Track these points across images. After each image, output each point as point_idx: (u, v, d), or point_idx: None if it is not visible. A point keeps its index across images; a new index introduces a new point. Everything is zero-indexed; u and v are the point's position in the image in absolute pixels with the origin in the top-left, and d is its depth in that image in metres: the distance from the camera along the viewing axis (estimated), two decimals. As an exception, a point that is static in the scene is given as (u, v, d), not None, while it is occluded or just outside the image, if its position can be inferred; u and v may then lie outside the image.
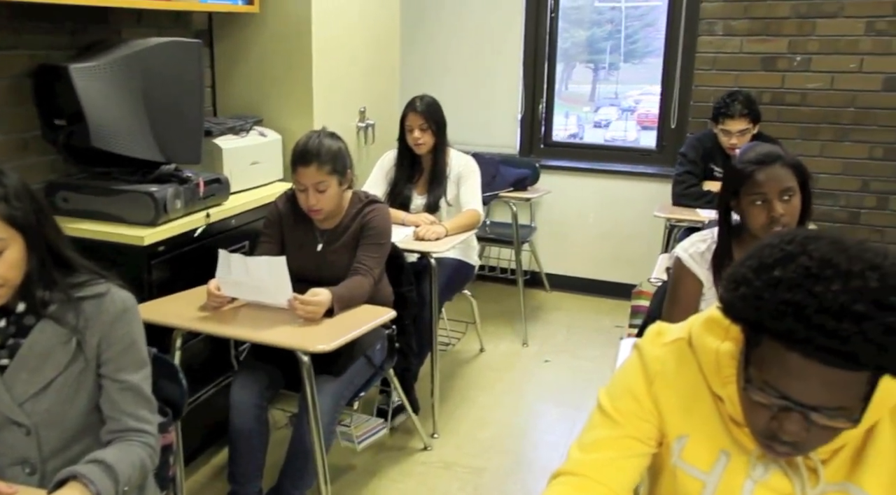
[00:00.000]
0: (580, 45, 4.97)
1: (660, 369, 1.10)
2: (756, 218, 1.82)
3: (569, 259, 4.51)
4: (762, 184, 1.79)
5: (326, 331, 2.02)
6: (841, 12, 3.69)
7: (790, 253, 0.86)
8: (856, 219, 3.85)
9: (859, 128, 3.76)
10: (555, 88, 4.61)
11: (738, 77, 3.90)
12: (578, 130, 5.50)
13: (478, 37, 4.48)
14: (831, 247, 0.85)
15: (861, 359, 0.80)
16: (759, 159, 1.82)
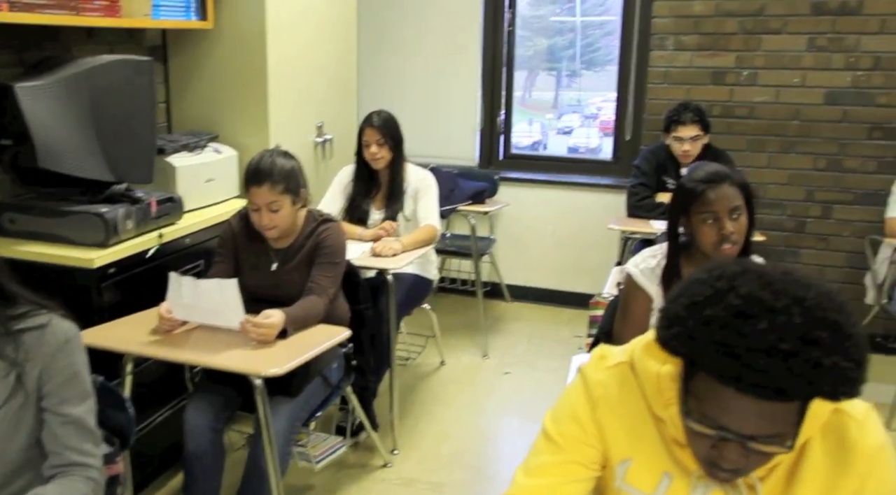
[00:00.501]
0: (542, 53, 5.01)
1: (602, 394, 1.11)
2: (706, 236, 1.83)
3: (529, 269, 4.52)
4: (712, 203, 1.80)
5: (280, 352, 1.98)
6: (784, 28, 3.77)
7: (719, 290, 0.87)
8: (802, 228, 3.93)
9: (803, 141, 3.83)
10: (513, 101, 4.62)
11: (689, 90, 3.95)
12: (542, 137, 5.53)
13: (436, 50, 4.48)
14: (758, 283, 0.87)
15: (790, 393, 0.84)
16: (709, 178, 1.83)
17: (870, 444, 1.01)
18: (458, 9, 4.39)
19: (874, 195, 3.70)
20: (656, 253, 1.98)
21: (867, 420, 1.03)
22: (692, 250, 1.92)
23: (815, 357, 0.81)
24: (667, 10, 3.94)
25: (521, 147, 5.31)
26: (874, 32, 3.64)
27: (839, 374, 0.82)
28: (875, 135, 3.73)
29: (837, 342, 0.82)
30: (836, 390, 0.84)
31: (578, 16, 4.69)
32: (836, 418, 1.02)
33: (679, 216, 1.89)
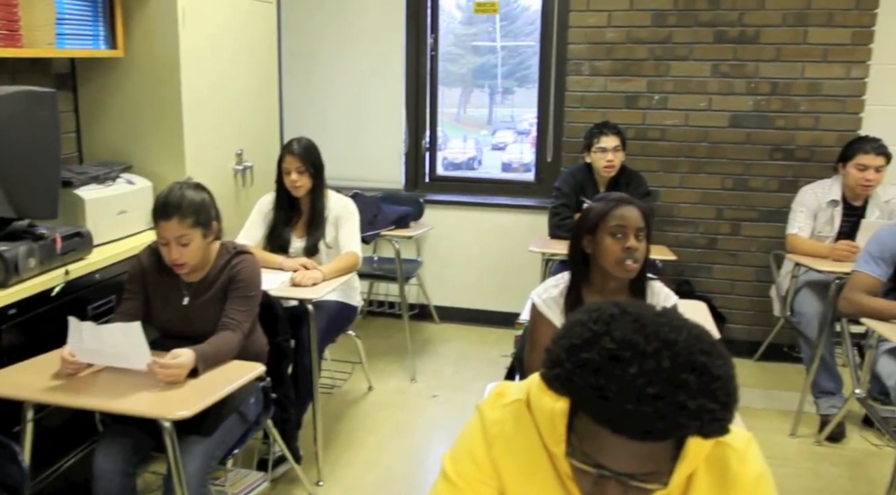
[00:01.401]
0: (476, 70, 5.03)
1: (498, 432, 1.11)
2: (611, 250, 1.84)
3: (456, 291, 4.51)
4: (622, 218, 1.84)
5: (190, 393, 1.89)
6: (690, 55, 3.88)
7: (596, 333, 0.89)
8: (713, 245, 4.03)
9: (712, 161, 3.95)
10: (438, 123, 4.62)
11: (604, 114, 4.02)
12: (477, 154, 5.55)
13: (361, 74, 4.44)
14: (632, 327, 0.89)
15: (659, 434, 0.86)
16: (618, 199, 1.88)
17: (749, 475, 1.05)
18: (382, 33, 4.37)
19: (777, 212, 3.83)
20: (558, 282, 1.98)
21: (747, 451, 1.06)
22: (594, 276, 1.93)
23: (680, 400, 0.83)
24: (581, 37, 4.01)
25: (456, 163, 5.32)
26: (771, 59, 3.79)
27: (705, 416, 0.84)
28: (775, 156, 3.87)
29: (704, 384, 0.85)
30: (704, 430, 0.86)
31: (499, 40, 4.73)
32: (719, 450, 1.05)
33: (584, 236, 1.90)
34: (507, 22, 4.80)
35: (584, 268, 1.94)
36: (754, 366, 3.97)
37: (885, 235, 2.61)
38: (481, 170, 5.49)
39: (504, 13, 4.71)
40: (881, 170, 3.29)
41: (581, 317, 0.94)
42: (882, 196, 3.40)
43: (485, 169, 5.49)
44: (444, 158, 5.44)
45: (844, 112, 3.77)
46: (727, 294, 4.07)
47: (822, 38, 3.73)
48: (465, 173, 5.33)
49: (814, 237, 3.44)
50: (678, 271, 4.06)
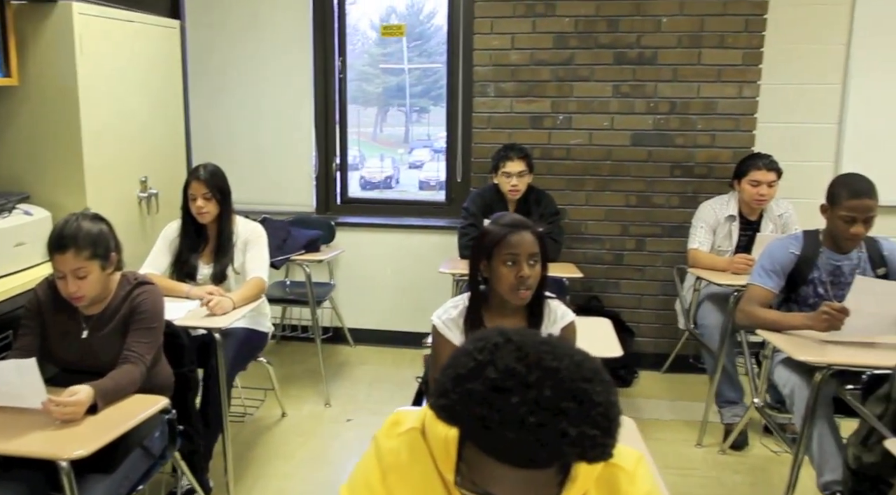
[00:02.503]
0: (391, 89, 5.10)
1: (394, 461, 1.13)
2: (505, 278, 1.92)
3: (371, 312, 4.55)
4: (514, 246, 1.90)
5: (88, 430, 1.88)
6: (592, 76, 4.09)
7: (480, 363, 0.92)
8: (620, 261, 4.23)
9: (616, 179, 4.15)
10: (347, 148, 4.67)
11: (511, 134, 4.17)
12: (394, 172, 5.61)
13: (269, 98, 4.46)
14: (515, 356, 0.92)
15: (543, 462, 0.89)
16: (512, 224, 1.94)
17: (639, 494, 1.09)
18: (289, 56, 4.41)
19: (679, 227, 4.06)
20: (458, 303, 2.04)
21: (637, 471, 1.12)
22: (492, 297, 2.00)
23: (561, 428, 0.86)
24: (486, 59, 4.15)
25: (374, 182, 5.37)
26: (668, 80, 4.04)
27: (586, 442, 0.87)
28: (676, 172, 4.11)
29: (584, 411, 0.88)
30: (586, 456, 0.90)
31: (406, 62, 4.83)
32: (609, 471, 1.09)
33: (481, 260, 1.96)
34: (422, 41, 4.93)
35: (484, 289, 2.01)
36: (662, 378, 4.17)
37: (775, 249, 2.80)
38: (399, 189, 5.57)
39: (419, 32, 4.84)
40: (773, 185, 3.55)
41: (467, 346, 0.97)
42: (775, 210, 3.66)
43: (402, 187, 5.57)
44: (361, 178, 5.49)
45: (738, 130, 4.04)
46: (635, 308, 4.26)
47: (716, 59, 4.00)
48: (378, 194, 5.41)
49: (714, 251, 3.66)
50: (587, 287, 4.23)
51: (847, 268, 2.68)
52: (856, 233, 2.55)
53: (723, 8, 3.95)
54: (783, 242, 2.79)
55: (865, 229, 2.55)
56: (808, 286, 2.73)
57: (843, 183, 2.61)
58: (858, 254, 2.69)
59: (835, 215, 2.60)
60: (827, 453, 2.40)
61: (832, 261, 2.70)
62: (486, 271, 1.96)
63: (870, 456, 1.99)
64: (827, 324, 2.41)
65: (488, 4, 4.10)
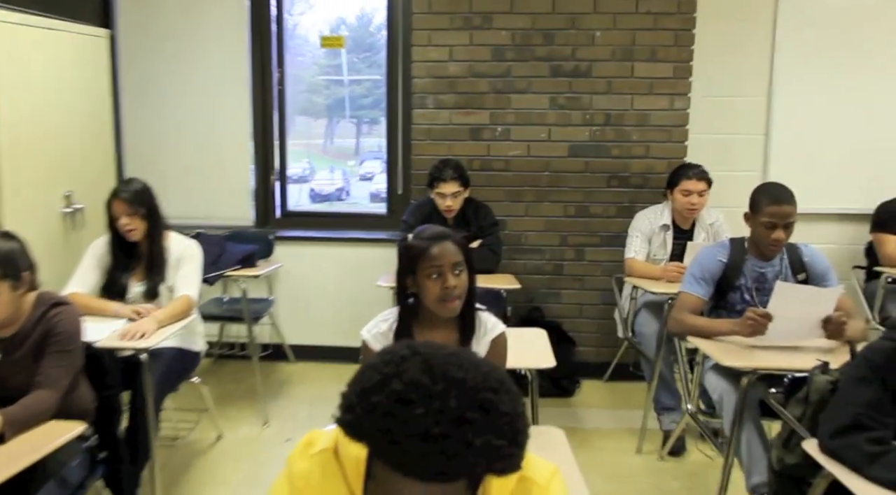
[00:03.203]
0: (341, 101, 5.07)
1: (305, 485, 1.11)
2: (431, 291, 1.92)
3: (312, 328, 4.50)
4: (437, 257, 1.90)
5: (-4, 460, 1.81)
6: (529, 89, 4.13)
7: (386, 376, 0.91)
8: (560, 271, 4.28)
9: (555, 190, 4.20)
10: (286, 161, 4.63)
11: (450, 146, 4.19)
12: (345, 184, 5.57)
13: (205, 109, 4.40)
14: (421, 367, 0.91)
15: (450, 475, 0.88)
16: (433, 236, 1.94)
17: None
18: (226, 67, 4.37)
19: (617, 237, 4.11)
20: (388, 317, 2.03)
21: (550, 485, 1.11)
22: (421, 311, 2.00)
23: (466, 438, 0.85)
24: (425, 71, 4.17)
25: (324, 194, 5.33)
26: (603, 92, 4.11)
27: (493, 453, 0.86)
28: (612, 183, 4.18)
29: (490, 422, 0.88)
30: (494, 467, 0.89)
31: (346, 73, 4.83)
32: (522, 486, 1.08)
33: (407, 275, 1.96)
34: (372, 52, 4.92)
35: (413, 303, 2.00)
36: (604, 387, 4.21)
37: (704, 256, 2.86)
38: (350, 201, 5.54)
39: (370, 43, 4.82)
40: (703, 194, 3.64)
41: (374, 360, 0.96)
42: (707, 219, 3.75)
43: (353, 199, 5.55)
44: (311, 190, 5.45)
45: (671, 141, 4.13)
46: (576, 318, 4.31)
47: (648, 72, 4.09)
48: (326, 207, 5.37)
49: (649, 260, 3.73)
50: (528, 298, 4.26)
51: (771, 275, 2.75)
52: (777, 238, 2.62)
53: (653, 22, 4.04)
54: (711, 250, 2.85)
55: (786, 235, 2.63)
56: (735, 293, 2.79)
57: (764, 191, 2.69)
58: (781, 260, 2.76)
59: (757, 222, 2.67)
60: (755, 456, 2.45)
61: (756, 268, 2.77)
62: (413, 286, 1.96)
63: (792, 458, 2.03)
64: (752, 330, 2.46)
65: (426, 17, 4.12)
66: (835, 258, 4.08)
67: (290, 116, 4.72)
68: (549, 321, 4.18)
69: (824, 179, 4.21)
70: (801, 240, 2.85)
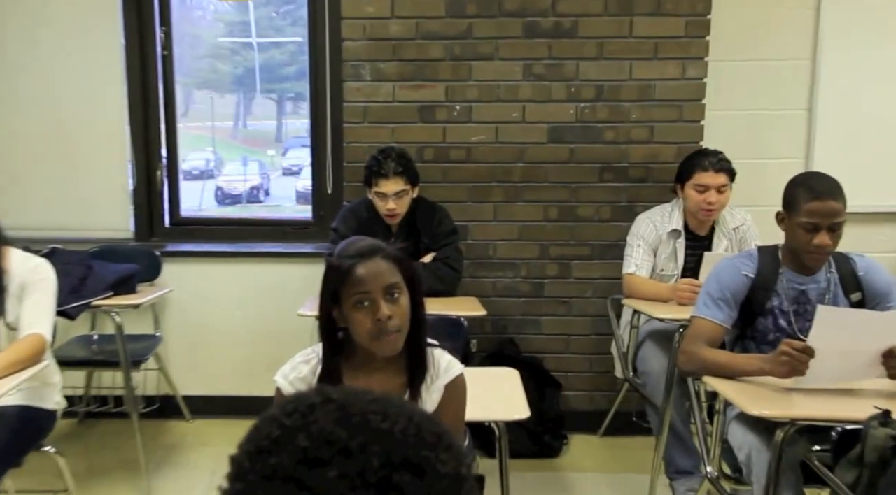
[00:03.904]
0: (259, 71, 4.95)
1: None
2: (361, 324, 1.88)
3: (214, 373, 4.42)
4: (364, 281, 1.86)
5: None
6: (496, 54, 4.09)
7: (289, 429, 0.89)
8: (540, 292, 4.25)
9: (531, 186, 4.18)
10: (177, 148, 4.54)
11: (394, 130, 4.15)
12: (263, 181, 5.45)
13: (66, 92, 4.31)
14: (335, 417, 0.90)
15: None
16: (358, 253, 1.90)
17: None
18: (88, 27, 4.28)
19: (613, 247, 4.10)
20: (310, 357, 2.00)
21: None
22: (355, 349, 1.96)
23: None
24: (359, 31, 4.11)
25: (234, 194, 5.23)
26: (593, 57, 4.09)
27: None
28: (606, 176, 4.16)
29: (425, 487, 0.86)
30: None
31: (254, 35, 4.73)
32: None
33: (331, 305, 1.92)
34: (295, 6, 4.82)
35: (343, 338, 1.97)
36: (599, 444, 4.18)
37: (723, 271, 2.82)
38: (270, 202, 5.44)
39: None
40: (724, 189, 3.62)
41: (273, 411, 0.93)
42: (730, 222, 3.74)
43: (274, 200, 5.44)
44: (217, 189, 5.33)
45: (682, 120, 4.13)
46: (561, 353, 4.27)
47: (652, 30, 4.08)
48: (238, 211, 5.27)
49: (655, 276, 3.71)
50: (499, 327, 4.22)
51: (814, 294, 2.73)
52: (820, 244, 2.58)
53: (658, -37, 4.05)
54: (733, 263, 2.83)
55: (833, 240, 2.59)
56: (767, 318, 2.76)
57: (801, 182, 2.67)
58: (827, 274, 2.74)
59: (793, 224, 2.64)
60: (795, 536, 2.41)
61: (795, 286, 2.74)
62: (341, 319, 1.94)
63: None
64: (788, 368, 2.42)
65: (359, -43, 4.09)
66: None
67: (187, 91, 4.61)
68: (527, 357, 4.15)
69: (889, 168, 4.22)
70: (858, 247, 2.83)
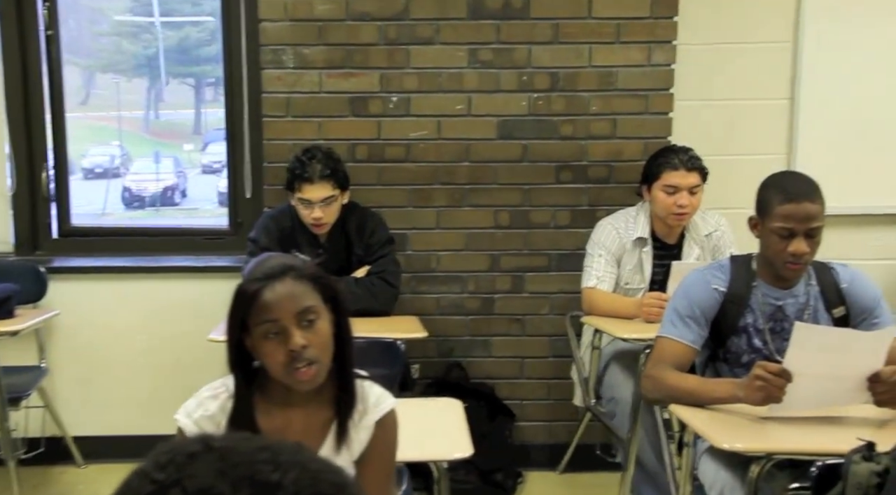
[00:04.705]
0: (173, 52, 4.90)
1: None
2: (272, 356, 1.88)
3: (111, 410, 4.37)
4: (272, 307, 1.86)
5: None
6: (437, 37, 4.12)
7: (161, 486, 0.87)
8: (490, 309, 4.27)
9: (479, 189, 4.21)
10: (66, 143, 4.51)
11: (321, 125, 4.15)
12: (178, 180, 5.40)
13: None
14: (216, 469, 0.88)
15: None
16: (267, 274, 1.89)
17: None
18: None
19: (572, 256, 4.14)
20: (218, 391, 2.01)
21: None
22: (269, 381, 1.96)
23: None
24: (280, 12, 4.11)
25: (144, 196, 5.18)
26: (547, 42, 4.13)
27: None
28: (563, 177, 4.21)
29: None
30: None
31: (157, 15, 4.71)
32: None
33: (240, 334, 1.93)
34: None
35: (256, 368, 1.98)
36: (559, 482, 4.21)
37: (692, 285, 2.85)
38: (186, 205, 5.39)
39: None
40: (696, 191, 3.68)
41: (145, 463, 0.91)
42: (702, 227, 3.80)
43: (192, 202, 5.40)
44: (124, 190, 5.27)
45: (648, 112, 4.19)
46: (515, 378, 4.30)
47: (613, 10, 4.13)
48: (147, 216, 5.22)
49: (620, 290, 3.75)
50: (444, 350, 4.24)
51: (792, 310, 2.77)
52: (796, 251, 2.62)
53: (620, -68, 4.11)
54: (703, 275, 2.86)
55: (810, 247, 2.63)
56: (741, 337, 2.80)
57: (774, 184, 2.72)
58: (807, 287, 2.78)
59: (766, 230, 2.68)
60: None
61: (771, 300, 2.79)
62: (255, 350, 1.94)
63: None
64: (763, 394, 2.45)
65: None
66: None
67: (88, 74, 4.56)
68: (476, 383, 4.17)
69: (883, 163, 4.30)
70: (850, 253, 2.86)
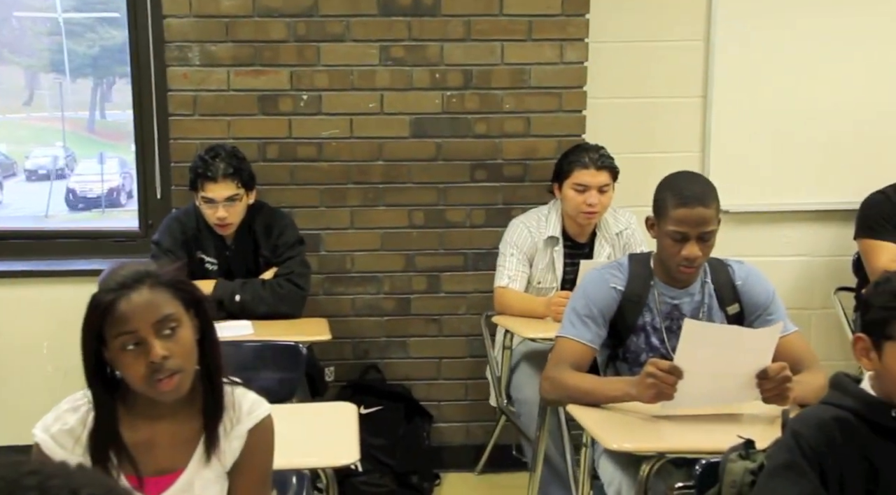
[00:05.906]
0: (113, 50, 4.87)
1: None
2: (131, 368, 1.88)
3: (14, 426, 4.25)
4: (127, 319, 1.84)
5: None
6: (348, 34, 4.13)
7: None
8: (406, 309, 4.30)
9: (392, 188, 4.23)
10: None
11: (230, 124, 4.15)
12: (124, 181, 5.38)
13: None
14: None
15: None
16: (123, 282, 1.88)
17: None
18: None
19: (489, 255, 4.17)
20: (79, 402, 1.99)
21: None
22: (131, 394, 1.96)
23: None
24: (185, 7, 4.08)
25: (91, 198, 5.16)
26: (459, 39, 4.16)
27: None
28: (478, 175, 4.25)
29: None
30: None
31: (60, 10, 4.67)
32: None
33: (96, 345, 1.91)
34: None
35: (115, 383, 1.97)
36: (477, 483, 4.26)
37: (590, 284, 2.90)
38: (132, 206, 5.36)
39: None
40: (606, 189, 3.73)
41: None
42: (612, 226, 3.85)
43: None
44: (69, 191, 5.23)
45: (562, 110, 4.24)
46: (432, 379, 4.34)
47: (524, 7, 4.17)
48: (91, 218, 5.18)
49: (532, 289, 3.79)
50: (359, 352, 4.27)
51: (688, 308, 2.83)
52: (688, 255, 2.68)
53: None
54: (601, 274, 2.90)
55: (702, 250, 2.69)
56: (639, 336, 2.86)
57: (671, 186, 2.77)
58: (702, 285, 2.85)
59: (661, 231, 2.74)
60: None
61: (667, 299, 2.85)
62: (112, 362, 1.93)
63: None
64: (655, 391, 2.49)
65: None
66: (812, 276, 4.32)
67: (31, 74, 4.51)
68: (393, 385, 4.20)
69: (795, 160, 4.37)
70: (759, 251, 2.89)
